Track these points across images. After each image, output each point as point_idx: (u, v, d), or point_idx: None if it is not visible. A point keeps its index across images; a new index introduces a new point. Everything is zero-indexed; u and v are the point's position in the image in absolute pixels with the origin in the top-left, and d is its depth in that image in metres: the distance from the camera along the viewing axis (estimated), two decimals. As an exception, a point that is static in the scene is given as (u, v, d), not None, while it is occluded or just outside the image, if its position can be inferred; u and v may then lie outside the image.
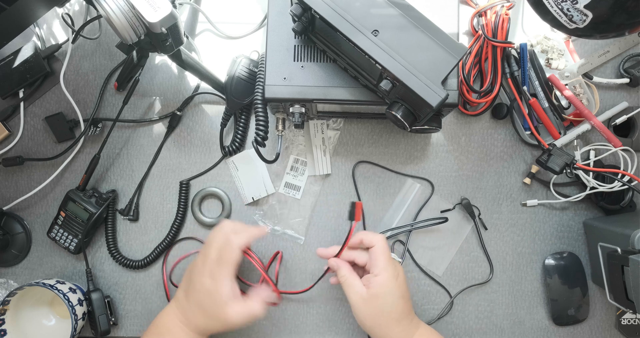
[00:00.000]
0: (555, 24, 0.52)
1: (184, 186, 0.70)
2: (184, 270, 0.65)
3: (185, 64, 0.63)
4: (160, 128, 0.72)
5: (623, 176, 0.65)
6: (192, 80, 0.72)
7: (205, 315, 0.59)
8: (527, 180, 0.70)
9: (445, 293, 0.70)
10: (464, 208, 0.69)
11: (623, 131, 0.70)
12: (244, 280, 0.69)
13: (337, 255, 0.62)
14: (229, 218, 0.71)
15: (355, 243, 0.62)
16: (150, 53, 0.63)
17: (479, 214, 0.70)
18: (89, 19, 0.68)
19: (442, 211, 0.70)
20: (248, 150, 0.71)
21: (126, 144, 0.72)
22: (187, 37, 0.68)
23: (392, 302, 0.58)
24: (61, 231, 0.70)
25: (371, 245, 0.60)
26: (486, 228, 0.70)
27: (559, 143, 0.67)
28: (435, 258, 0.70)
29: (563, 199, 0.69)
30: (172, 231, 0.70)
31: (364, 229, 0.71)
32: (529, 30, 0.70)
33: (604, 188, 0.66)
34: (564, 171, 0.65)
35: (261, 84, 0.59)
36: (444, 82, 0.50)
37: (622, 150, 0.66)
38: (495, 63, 0.66)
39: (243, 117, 0.70)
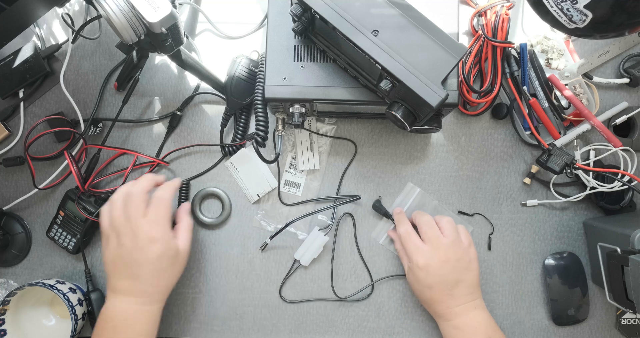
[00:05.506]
0: (555, 24, 0.52)
1: (184, 186, 0.70)
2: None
3: (185, 64, 0.63)
4: (160, 127, 0.72)
5: (623, 176, 0.65)
6: (192, 80, 0.72)
7: (167, 278, 0.60)
8: (527, 180, 0.70)
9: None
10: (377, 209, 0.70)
11: (623, 131, 0.70)
12: None
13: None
14: (229, 218, 0.71)
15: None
16: (150, 53, 0.63)
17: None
18: (89, 19, 0.68)
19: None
20: (244, 149, 0.70)
21: (126, 144, 0.72)
22: (187, 37, 0.68)
23: (418, 290, 0.65)
24: (60, 230, 0.70)
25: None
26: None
27: (559, 143, 0.67)
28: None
29: (563, 199, 0.69)
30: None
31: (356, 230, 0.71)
32: (529, 30, 0.70)
33: (604, 188, 0.66)
34: (564, 171, 0.65)
35: (261, 84, 0.59)
36: (444, 82, 0.50)
37: (622, 150, 0.66)
38: (495, 63, 0.66)
39: (243, 117, 0.70)
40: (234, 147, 0.70)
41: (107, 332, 0.58)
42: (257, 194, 0.71)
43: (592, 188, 0.67)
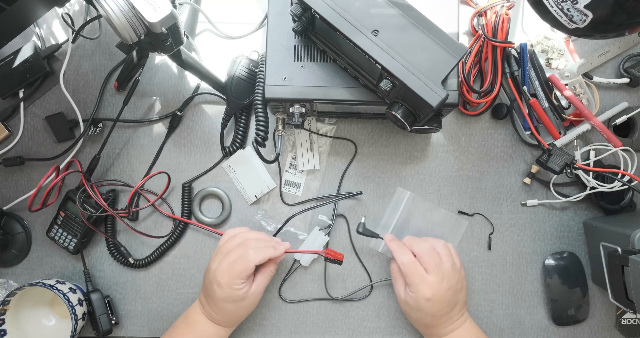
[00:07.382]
0: (555, 24, 0.52)
1: (187, 189, 0.70)
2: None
3: (185, 64, 0.63)
4: (160, 128, 0.72)
5: (623, 176, 0.65)
6: (192, 80, 0.72)
7: (231, 315, 0.64)
8: (527, 180, 0.70)
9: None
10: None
11: (623, 131, 0.70)
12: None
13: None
14: (229, 218, 0.71)
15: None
16: (150, 53, 0.63)
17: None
18: (89, 19, 0.68)
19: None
20: (242, 150, 0.70)
21: (126, 144, 0.72)
22: (187, 37, 0.68)
23: (417, 316, 0.63)
24: (60, 231, 0.70)
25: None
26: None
27: (559, 143, 0.67)
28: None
29: (563, 199, 0.69)
30: (177, 233, 0.71)
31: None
32: (529, 30, 0.70)
33: (604, 188, 0.66)
34: (564, 171, 0.65)
35: (261, 84, 0.59)
36: (444, 82, 0.50)
37: (622, 150, 0.66)
38: (495, 63, 0.66)
39: (243, 117, 0.70)
40: (235, 147, 0.70)
41: (182, 327, 0.65)
42: (255, 196, 0.71)
43: (592, 188, 0.67)
